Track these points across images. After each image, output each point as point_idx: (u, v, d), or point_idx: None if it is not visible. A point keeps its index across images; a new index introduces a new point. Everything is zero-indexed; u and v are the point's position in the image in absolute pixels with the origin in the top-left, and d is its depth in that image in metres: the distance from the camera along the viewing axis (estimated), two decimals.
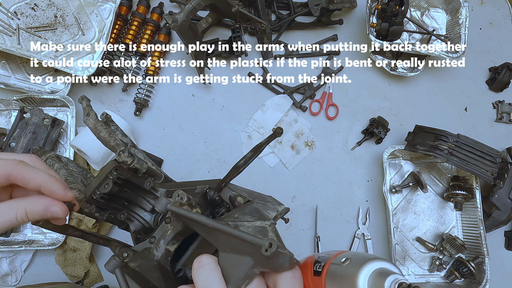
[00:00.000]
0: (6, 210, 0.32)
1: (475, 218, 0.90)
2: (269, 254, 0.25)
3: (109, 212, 0.41)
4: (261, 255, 0.26)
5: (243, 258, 0.28)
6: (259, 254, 0.26)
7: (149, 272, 0.35)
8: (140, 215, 0.42)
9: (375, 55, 1.00)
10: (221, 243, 0.30)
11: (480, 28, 1.09)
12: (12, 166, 0.33)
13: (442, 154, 0.84)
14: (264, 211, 0.39)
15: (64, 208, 0.34)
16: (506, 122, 1.03)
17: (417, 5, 1.05)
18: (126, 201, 0.42)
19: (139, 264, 0.34)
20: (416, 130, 0.92)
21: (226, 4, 0.82)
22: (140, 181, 0.40)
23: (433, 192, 0.96)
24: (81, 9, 0.91)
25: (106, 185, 0.37)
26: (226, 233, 0.28)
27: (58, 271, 0.83)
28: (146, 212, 0.42)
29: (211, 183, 0.45)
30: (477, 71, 1.07)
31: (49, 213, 0.33)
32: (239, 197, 0.45)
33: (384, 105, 1.01)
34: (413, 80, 1.04)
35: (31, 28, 0.86)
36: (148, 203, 0.42)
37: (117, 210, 0.41)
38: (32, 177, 0.33)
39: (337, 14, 1.04)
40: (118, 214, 0.41)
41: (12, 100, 0.85)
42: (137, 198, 0.42)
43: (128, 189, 0.41)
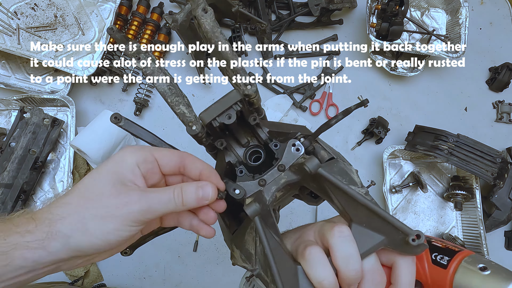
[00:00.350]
0: (165, 190, 0.33)
1: (475, 218, 0.90)
2: (415, 244, 0.27)
3: (211, 138, 0.39)
4: (401, 240, 0.28)
5: (376, 235, 0.30)
6: (399, 239, 0.28)
7: (267, 218, 0.34)
8: (234, 147, 0.41)
9: (375, 55, 1.00)
10: (358, 216, 0.31)
11: (480, 28, 1.09)
12: (185, 156, 0.36)
13: (442, 154, 0.84)
14: (350, 172, 0.37)
15: (214, 190, 0.34)
16: (506, 122, 1.03)
17: (417, 5, 1.05)
18: (227, 131, 0.40)
19: (259, 208, 0.32)
20: (416, 130, 0.92)
21: (226, 4, 0.82)
22: (247, 115, 0.38)
23: (433, 192, 0.96)
24: (81, 9, 0.91)
25: (228, 116, 0.35)
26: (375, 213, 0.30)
27: None
28: (239, 146, 0.41)
29: (302, 131, 0.42)
30: (477, 71, 1.07)
31: (200, 190, 0.33)
32: (323, 151, 0.41)
33: (384, 105, 1.01)
34: (413, 80, 1.04)
35: (31, 28, 0.86)
36: (244, 138, 0.40)
37: (218, 137, 0.39)
38: (196, 165, 0.35)
39: (337, 14, 1.04)
40: (216, 142, 0.39)
41: (12, 100, 0.85)
42: (237, 130, 0.40)
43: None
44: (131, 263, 0.86)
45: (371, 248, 0.30)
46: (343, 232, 0.30)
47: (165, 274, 0.87)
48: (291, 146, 0.37)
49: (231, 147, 0.41)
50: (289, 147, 0.37)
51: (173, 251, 0.88)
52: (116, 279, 0.86)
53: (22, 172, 0.79)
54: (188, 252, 0.88)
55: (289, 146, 0.37)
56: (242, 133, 0.40)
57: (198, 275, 0.87)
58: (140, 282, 0.86)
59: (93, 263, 0.85)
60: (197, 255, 0.88)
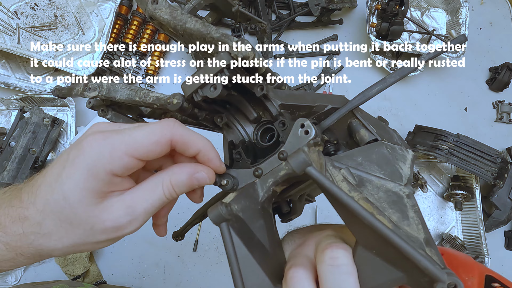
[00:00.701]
0: (152, 187, 0.28)
1: (475, 218, 0.90)
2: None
3: (206, 113, 0.31)
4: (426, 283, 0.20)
5: (391, 270, 0.22)
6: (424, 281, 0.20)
7: (253, 219, 0.27)
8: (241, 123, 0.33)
9: (375, 55, 1.00)
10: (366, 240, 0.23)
11: (480, 28, 1.09)
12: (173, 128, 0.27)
13: (442, 154, 0.84)
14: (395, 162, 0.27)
15: (212, 174, 0.28)
16: (506, 122, 1.03)
17: (417, 5, 1.05)
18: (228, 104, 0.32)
19: (243, 207, 0.26)
20: (416, 130, 0.92)
21: (226, 3, 0.82)
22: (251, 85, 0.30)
23: (433, 192, 0.96)
24: (81, 9, 0.91)
25: (212, 87, 0.27)
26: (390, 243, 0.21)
27: (58, 271, 0.83)
28: (248, 122, 0.32)
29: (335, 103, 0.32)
30: (477, 71, 1.07)
31: (195, 180, 0.28)
32: (363, 129, 0.31)
33: (384, 105, 1.01)
34: (413, 80, 1.04)
35: (31, 28, 0.86)
36: (253, 112, 0.32)
37: (215, 111, 0.32)
38: (193, 141, 0.28)
39: (337, 14, 1.04)
40: (215, 117, 0.32)
41: (12, 99, 0.86)
42: (242, 102, 0.32)
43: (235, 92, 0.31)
44: (131, 262, 0.86)
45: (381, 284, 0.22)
46: (337, 260, 0.23)
47: (165, 273, 0.87)
48: (299, 127, 0.27)
49: (236, 123, 0.33)
50: (295, 128, 0.27)
51: (173, 251, 0.88)
52: (116, 278, 0.86)
53: (22, 171, 0.79)
54: (188, 251, 0.88)
55: (296, 127, 0.27)
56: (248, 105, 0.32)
57: (198, 275, 0.87)
58: (140, 281, 0.86)
59: (93, 262, 0.85)
60: (197, 255, 0.88)
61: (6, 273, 0.82)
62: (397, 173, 0.26)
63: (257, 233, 0.27)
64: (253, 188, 0.28)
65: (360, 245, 0.23)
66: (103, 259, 0.86)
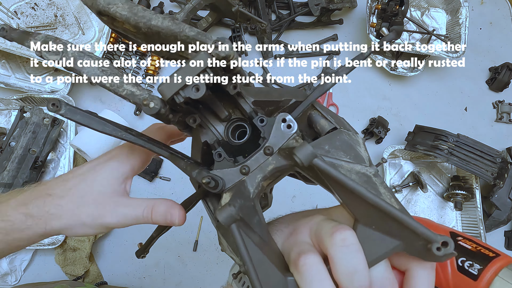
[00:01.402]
0: (137, 205, 0.35)
1: (475, 218, 0.90)
2: (441, 254, 0.22)
3: (180, 115, 0.31)
4: (421, 246, 0.23)
5: (388, 239, 0.25)
6: (419, 245, 0.23)
7: (250, 216, 0.28)
8: (212, 123, 0.33)
9: (375, 55, 1.00)
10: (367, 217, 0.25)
11: (480, 28, 1.09)
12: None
13: (442, 154, 0.84)
14: (356, 146, 0.30)
15: (182, 217, 0.34)
16: (506, 122, 1.03)
17: (417, 5, 1.05)
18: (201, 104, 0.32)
19: (240, 205, 0.27)
20: (416, 130, 0.92)
21: (226, 3, 0.82)
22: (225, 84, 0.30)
23: (433, 192, 0.96)
24: (81, 9, 0.91)
25: (195, 88, 0.26)
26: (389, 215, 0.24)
27: (58, 271, 0.83)
28: (218, 121, 0.33)
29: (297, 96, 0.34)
30: (477, 71, 1.07)
31: (169, 216, 0.34)
32: (323, 119, 0.33)
33: (384, 105, 1.01)
34: (413, 80, 1.04)
35: (31, 28, 0.86)
36: (224, 111, 0.32)
37: (188, 112, 0.32)
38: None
39: (337, 14, 1.04)
40: (187, 118, 0.32)
41: (12, 99, 0.86)
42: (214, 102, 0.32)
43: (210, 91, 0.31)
44: (131, 262, 0.86)
45: (382, 255, 0.25)
46: (347, 240, 0.24)
47: (165, 273, 0.87)
48: (280, 122, 0.29)
49: (208, 123, 0.33)
50: (277, 123, 0.29)
51: (173, 251, 0.88)
52: (116, 278, 0.86)
53: (22, 171, 0.79)
54: (188, 251, 0.88)
55: (278, 122, 0.29)
56: (220, 105, 0.32)
57: (198, 275, 0.87)
58: (140, 281, 0.86)
59: (93, 262, 0.85)
60: (197, 255, 0.88)
61: (6, 273, 0.82)
62: (359, 156, 0.29)
63: (256, 229, 0.28)
64: (243, 186, 0.29)
65: (360, 223, 0.26)
66: (103, 259, 0.86)
